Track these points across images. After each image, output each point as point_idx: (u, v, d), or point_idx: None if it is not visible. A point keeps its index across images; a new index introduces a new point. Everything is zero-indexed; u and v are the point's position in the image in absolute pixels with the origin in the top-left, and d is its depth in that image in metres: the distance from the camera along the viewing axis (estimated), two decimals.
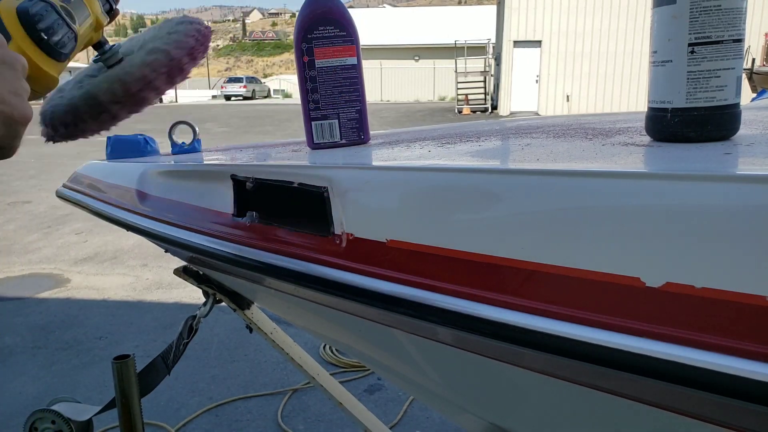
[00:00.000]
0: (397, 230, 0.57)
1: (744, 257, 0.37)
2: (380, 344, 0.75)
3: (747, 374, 0.36)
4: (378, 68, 27.04)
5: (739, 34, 0.54)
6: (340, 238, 0.62)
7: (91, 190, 1.08)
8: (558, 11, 15.40)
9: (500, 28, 17.06)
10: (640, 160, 0.53)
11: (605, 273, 0.43)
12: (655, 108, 0.58)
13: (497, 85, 17.26)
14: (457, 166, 0.58)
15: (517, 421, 0.70)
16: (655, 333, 0.40)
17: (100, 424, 1.88)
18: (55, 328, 2.78)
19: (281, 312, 0.97)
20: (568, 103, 16.07)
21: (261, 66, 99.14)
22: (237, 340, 2.59)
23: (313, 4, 0.80)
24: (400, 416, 2.02)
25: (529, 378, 0.53)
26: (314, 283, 0.62)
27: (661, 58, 0.57)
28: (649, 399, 0.44)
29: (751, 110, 1.00)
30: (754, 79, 8.15)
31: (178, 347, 1.12)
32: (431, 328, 0.54)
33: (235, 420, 2.03)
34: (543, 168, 0.50)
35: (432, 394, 0.84)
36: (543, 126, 0.94)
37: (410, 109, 20.20)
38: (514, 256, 0.48)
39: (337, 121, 0.82)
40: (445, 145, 0.75)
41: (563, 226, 0.45)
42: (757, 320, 0.36)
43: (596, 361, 0.42)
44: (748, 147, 0.53)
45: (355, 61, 0.81)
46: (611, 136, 0.69)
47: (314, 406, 2.09)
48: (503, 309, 0.47)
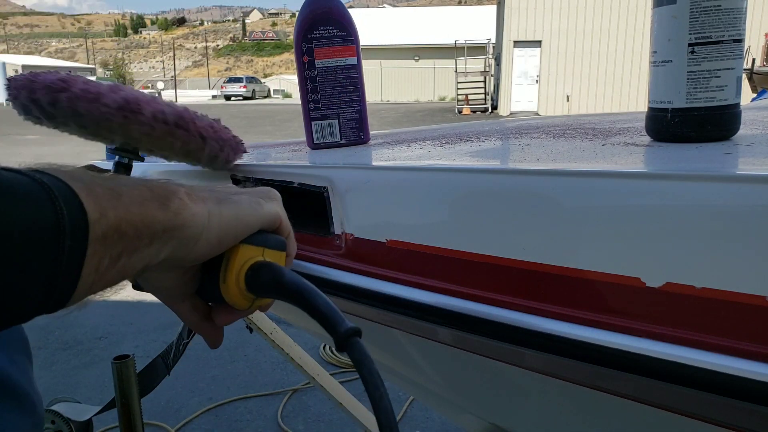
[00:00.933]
0: (397, 230, 0.57)
1: (744, 257, 0.37)
2: (380, 344, 0.75)
3: (747, 374, 0.36)
4: (378, 68, 27.04)
5: (739, 34, 0.54)
6: (340, 238, 0.62)
7: None
8: (558, 11, 15.40)
9: (500, 28, 17.07)
10: (640, 160, 0.53)
11: (605, 273, 0.43)
12: (655, 108, 0.58)
13: (497, 85, 17.26)
14: (457, 166, 0.58)
15: (517, 421, 0.70)
16: (655, 333, 0.40)
17: (100, 424, 1.88)
18: (55, 328, 2.78)
19: (281, 312, 0.97)
20: (568, 103, 16.07)
21: (261, 66, 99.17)
22: (237, 340, 2.59)
23: (313, 4, 0.80)
24: (400, 416, 2.02)
25: (529, 378, 0.53)
26: (314, 283, 0.62)
27: (661, 58, 0.57)
28: (649, 399, 0.44)
29: (751, 110, 1.00)
30: (755, 79, 8.15)
31: (177, 347, 1.13)
32: (431, 328, 0.54)
33: (235, 420, 2.03)
34: (543, 168, 0.50)
35: (432, 395, 0.84)
36: (543, 126, 0.94)
37: (410, 109, 20.20)
38: (514, 256, 0.48)
39: (337, 121, 0.82)
40: (445, 145, 0.75)
41: (563, 226, 0.45)
42: (757, 320, 0.36)
43: (596, 361, 0.42)
44: (748, 147, 0.53)
45: (355, 61, 0.81)
46: (611, 136, 0.69)
47: (314, 406, 2.09)
48: (503, 309, 0.47)
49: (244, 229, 0.40)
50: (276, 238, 0.43)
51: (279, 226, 0.44)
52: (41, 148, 9.55)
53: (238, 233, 0.40)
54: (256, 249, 0.41)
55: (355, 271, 0.59)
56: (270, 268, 0.41)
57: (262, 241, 0.41)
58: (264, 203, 0.43)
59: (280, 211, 0.44)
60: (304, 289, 0.40)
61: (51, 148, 9.48)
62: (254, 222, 0.41)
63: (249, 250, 0.41)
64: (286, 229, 0.45)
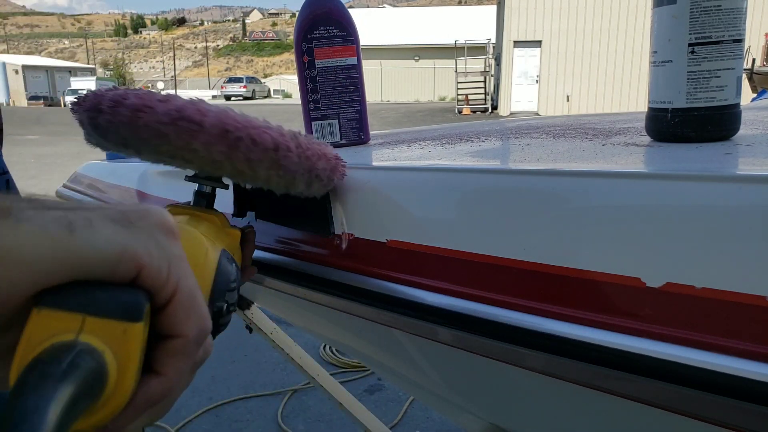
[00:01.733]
0: (398, 230, 0.57)
1: (744, 257, 0.37)
2: (380, 344, 0.75)
3: (747, 374, 0.36)
4: (378, 68, 27.03)
5: (740, 34, 0.54)
6: (340, 238, 0.62)
7: (91, 190, 1.08)
8: (558, 11, 15.40)
9: (500, 28, 17.06)
10: (640, 160, 0.53)
11: (605, 273, 0.43)
12: (655, 108, 0.58)
13: (497, 85, 17.25)
14: (457, 166, 0.58)
15: (517, 421, 0.70)
16: (655, 333, 0.40)
17: None
18: None
19: (281, 312, 0.97)
20: (568, 103, 16.07)
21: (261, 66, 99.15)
22: (237, 340, 2.59)
23: (313, 4, 0.80)
24: (400, 416, 2.01)
25: (529, 378, 0.53)
26: (314, 283, 0.62)
27: (661, 58, 0.57)
28: (649, 399, 0.44)
29: (751, 110, 0.99)
30: (755, 80, 8.15)
31: None
32: (431, 328, 0.54)
33: (235, 420, 2.03)
34: (543, 168, 0.50)
35: (432, 395, 0.84)
36: (543, 126, 0.94)
37: (410, 109, 20.20)
38: (514, 256, 0.48)
39: (337, 121, 0.82)
40: (445, 146, 0.75)
41: (563, 226, 0.45)
42: (758, 320, 0.36)
43: (596, 361, 0.42)
44: (748, 147, 0.53)
45: (355, 61, 0.81)
46: (611, 136, 0.69)
47: (314, 406, 2.09)
48: (503, 309, 0.47)
49: (28, 273, 0.21)
50: (118, 298, 0.23)
51: (138, 274, 0.24)
52: (41, 149, 9.55)
53: (15, 279, 0.21)
54: (65, 316, 0.22)
55: (355, 271, 0.59)
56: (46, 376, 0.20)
57: (81, 301, 0.23)
58: (106, 228, 0.23)
59: (154, 249, 0.24)
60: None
61: (51, 148, 9.48)
62: (52, 258, 0.22)
63: (49, 318, 0.22)
64: (168, 285, 0.25)
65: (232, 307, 0.44)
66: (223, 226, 0.52)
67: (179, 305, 0.25)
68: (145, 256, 0.24)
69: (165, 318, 0.25)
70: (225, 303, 0.42)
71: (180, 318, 0.25)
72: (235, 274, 0.45)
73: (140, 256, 0.24)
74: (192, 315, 0.26)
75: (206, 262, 0.41)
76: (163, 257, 0.25)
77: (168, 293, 0.25)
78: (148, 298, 0.24)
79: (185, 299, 0.25)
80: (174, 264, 0.25)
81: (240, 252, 0.54)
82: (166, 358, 0.25)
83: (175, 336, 0.25)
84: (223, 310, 0.42)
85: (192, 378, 0.29)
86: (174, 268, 0.25)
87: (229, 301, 0.43)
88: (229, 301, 0.43)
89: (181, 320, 0.25)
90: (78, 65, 49.15)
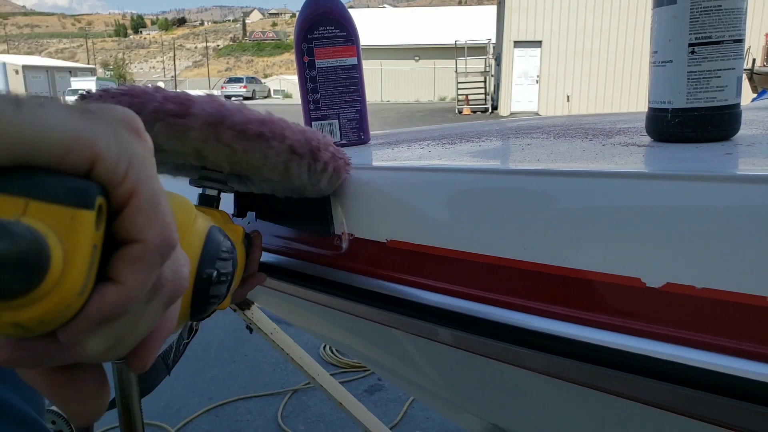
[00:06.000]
0: (397, 230, 0.57)
1: (744, 257, 0.37)
2: (380, 344, 0.74)
3: (747, 374, 0.36)
4: (378, 68, 27.03)
5: (740, 35, 0.54)
6: (341, 238, 0.62)
7: None
8: (558, 11, 15.40)
9: (500, 28, 17.06)
10: (640, 161, 0.53)
11: (605, 273, 0.43)
12: (655, 108, 0.58)
13: (497, 85, 17.25)
14: (457, 166, 0.58)
15: (517, 421, 0.70)
16: (655, 333, 0.40)
17: (100, 424, 1.87)
18: None
19: (281, 312, 0.97)
20: (568, 103, 16.07)
21: (261, 66, 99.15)
22: (237, 340, 2.59)
23: (314, 4, 0.80)
24: (400, 416, 2.01)
25: (529, 378, 0.53)
26: (314, 283, 0.62)
27: (661, 58, 0.57)
28: (649, 399, 0.44)
29: (751, 110, 0.99)
30: (755, 80, 8.14)
31: (178, 347, 1.12)
32: (431, 328, 0.54)
33: (235, 420, 2.03)
34: (543, 168, 0.50)
35: (432, 395, 0.84)
36: (543, 126, 0.94)
37: (410, 109, 20.20)
38: (514, 256, 0.48)
39: (337, 121, 0.82)
40: (446, 146, 0.75)
41: (563, 227, 0.45)
42: (758, 320, 0.36)
43: (596, 361, 0.42)
44: (748, 147, 0.53)
45: (355, 62, 0.81)
46: (611, 137, 0.69)
47: (314, 406, 2.09)
48: (503, 309, 0.47)
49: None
50: (66, 183, 0.21)
51: (92, 167, 0.22)
52: None
53: None
54: (6, 200, 0.20)
55: (355, 271, 0.59)
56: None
57: (25, 184, 0.20)
58: (60, 112, 0.21)
59: (113, 141, 0.22)
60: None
61: None
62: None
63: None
64: (126, 182, 0.22)
65: (225, 278, 0.43)
66: (225, 222, 0.52)
67: (138, 208, 0.23)
68: (101, 146, 0.21)
69: (122, 221, 0.23)
70: (215, 270, 0.41)
71: (139, 222, 0.23)
72: (228, 246, 0.44)
73: (95, 145, 0.21)
74: (153, 220, 0.23)
75: (194, 228, 0.40)
76: (123, 152, 0.22)
77: (125, 192, 0.22)
78: (101, 191, 0.22)
79: (145, 202, 0.23)
80: (136, 162, 0.23)
81: (243, 250, 0.54)
82: (123, 265, 0.23)
83: (133, 241, 0.23)
84: (212, 278, 0.41)
85: (161, 313, 0.26)
86: (135, 167, 0.23)
87: (220, 270, 0.42)
88: (221, 269, 0.42)
89: (141, 225, 0.23)
90: (78, 65, 49.17)
